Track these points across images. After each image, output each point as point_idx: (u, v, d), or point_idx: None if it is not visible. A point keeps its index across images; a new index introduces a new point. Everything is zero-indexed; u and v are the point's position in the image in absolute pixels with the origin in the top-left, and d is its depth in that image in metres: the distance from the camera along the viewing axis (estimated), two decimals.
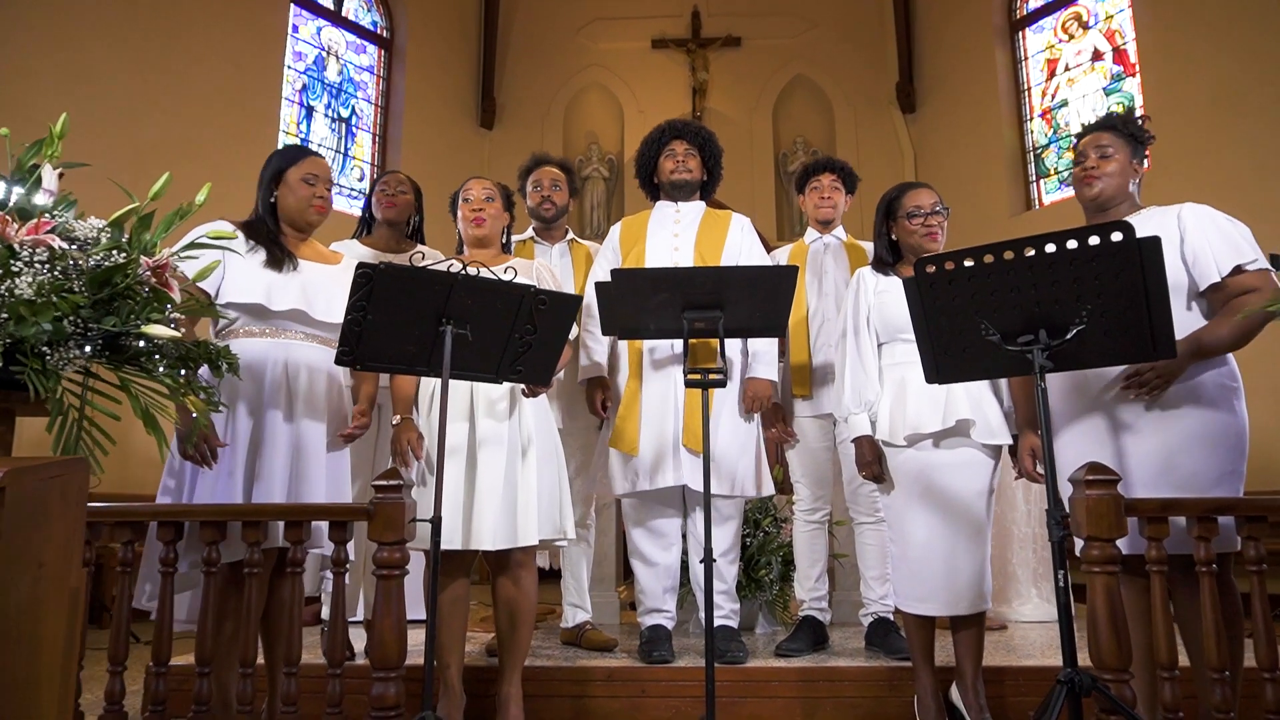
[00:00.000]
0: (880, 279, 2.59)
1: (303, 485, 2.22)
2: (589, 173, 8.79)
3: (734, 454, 2.78)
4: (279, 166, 2.44)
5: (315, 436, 2.28)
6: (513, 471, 2.41)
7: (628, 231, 3.04)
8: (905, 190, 2.60)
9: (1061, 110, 7.48)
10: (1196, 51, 6.36)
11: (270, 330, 2.29)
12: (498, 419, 2.43)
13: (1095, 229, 1.88)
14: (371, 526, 1.99)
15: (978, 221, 7.50)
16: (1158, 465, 2.09)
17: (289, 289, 2.28)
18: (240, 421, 2.21)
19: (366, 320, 2.02)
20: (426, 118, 8.31)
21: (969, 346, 2.10)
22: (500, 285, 2.10)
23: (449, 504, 2.35)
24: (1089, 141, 2.36)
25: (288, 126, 7.42)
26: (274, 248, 2.32)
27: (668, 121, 3.09)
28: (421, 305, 2.05)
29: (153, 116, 6.24)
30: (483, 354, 2.18)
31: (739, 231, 2.97)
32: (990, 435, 2.39)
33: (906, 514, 2.44)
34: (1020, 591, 3.73)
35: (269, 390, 2.23)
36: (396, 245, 3.13)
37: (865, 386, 2.51)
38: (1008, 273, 1.99)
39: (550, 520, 2.50)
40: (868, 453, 2.49)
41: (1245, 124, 6.01)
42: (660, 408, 2.78)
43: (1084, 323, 1.94)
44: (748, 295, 2.40)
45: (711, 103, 8.68)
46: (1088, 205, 2.34)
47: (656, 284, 2.37)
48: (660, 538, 2.83)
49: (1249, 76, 6.01)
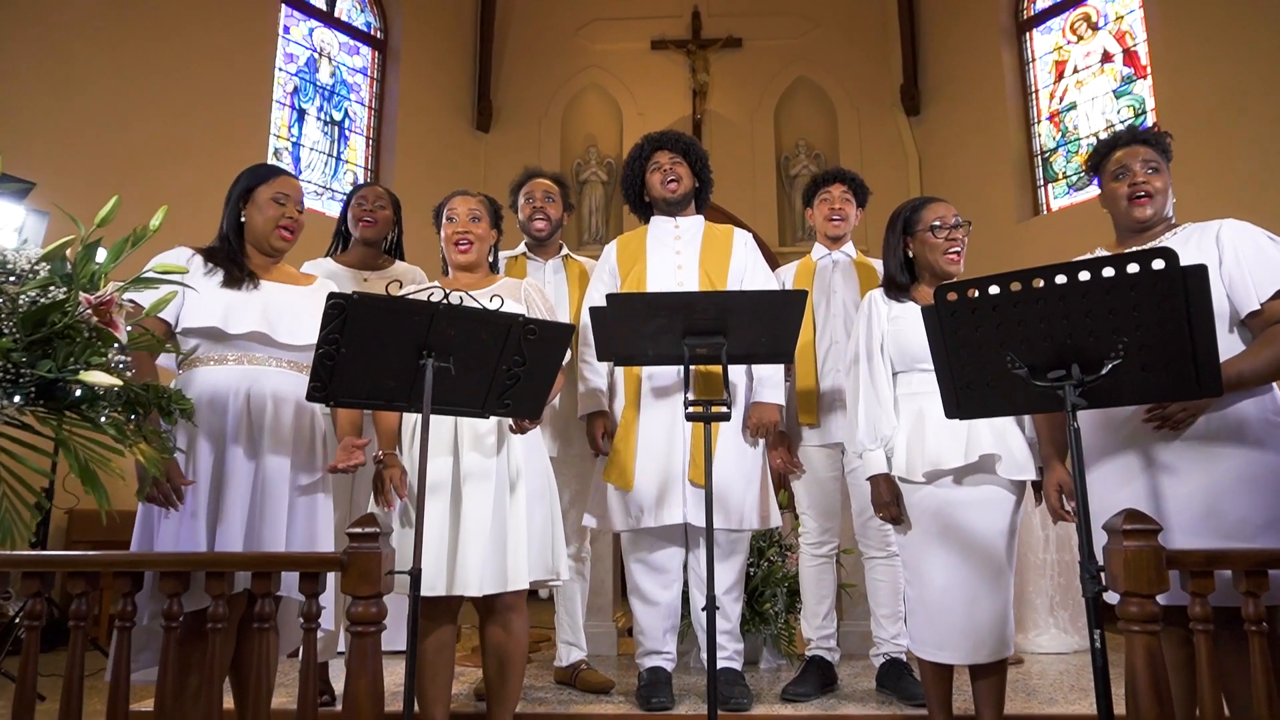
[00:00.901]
0: (894, 305, 2.42)
1: (264, 527, 2.06)
2: (587, 176, 8.61)
3: (739, 485, 2.61)
4: (248, 184, 2.28)
5: (279, 472, 2.12)
6: (501, 510, 2.25)
7: (625, 250, 2.87)
8: (925, 203, 2.43)
9: (1070, 113, 7.31)
10: (1210, 53, 6.19)
11: (233, 356, 2.13)
12: (484, 453, 2.27)
13: (1135, 256, 1.72)
14: (344, 579, 1.83)
15: (984, 227, 7.30)
16: (1199, 509, 1.93)
17: (248, 310, 2.12)
18: (202, 458, 2.05)
19: (340, 354, 1.86)
20: (421, 120, 8.14)
21: (993, 380, 1.94)
22: (485, 315, 1.93)
23: (432, 546, 2.19)
24: (1129, 155, 2.19)
25: (279, 130, 7.26)
26: (232, 267, 2.16)
27: (645, 136, 2.93)
28: (400, 337, 1.89)
29: (140, 120, 6.07)
30: (467, 387, 2.02)
31: (743, 248, 2.81)
32: (1016, 470, 2.23)
33: (924, 555, 2.28)
34: (1037, 621, 3.57)
35: (231, 422, 2.07)
36: (374, 262, 2.97)
37: (880, 419, 2.35)
38: (1037, 302, 1.82)
39: (542, 560, 2.35)
40: (885, 492, 2.32)
41: (1260, 128, 5.84)
42: (664, 439, 2.62)
43: (1120, 357, 1.78)
44: (753, 320, 2.24)
45: (712, 105, 8.51)
46: (1131, 225, 2.17)
47: (654, 309, 2.21)
48: (661, 574, 2.67)
49: (1265, 79, 5.85)
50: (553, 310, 2.49)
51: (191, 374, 2.13)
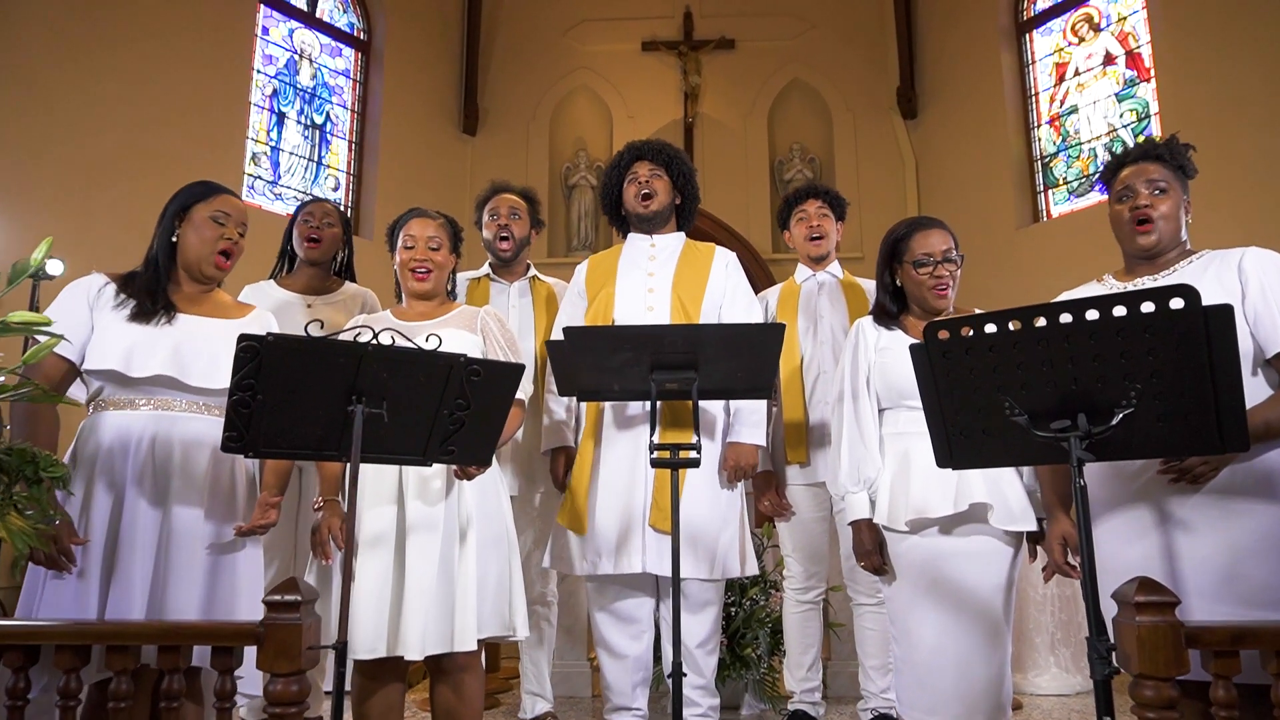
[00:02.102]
0: (882, 333, 2.22)
1: (169, 588, 1.85)
2: (576, 181, 8.42)
3: (713, 529, 2.40)
4: (184, 202, 2.07)
5: (190, 526, 1.90)
6: (448, 563, 2.05)
7: (595, 271, 2.65)
8: (913, 231, 2.22)
9: (1071, 117, 7.10)
10: (1216, 55, 5.98)
11: (143, 400, 1.92)
12: (431, 502, 2.07)
13: (1150, 294, 1.52)
14: (260, 654, 1.63)
15: (982, 234, 7.14)
16: (1219, 572, 1.73)
17: (156, 349, 1.90)
18: (97, 511, 1.84)
19: (256, 401, 1.66)
20: (406, 124, 7.93)
21: (989, 427, 1.74)
22: (421, 356, 1.73)
23: (372, 603, 2.00)
24: (1134, 174, 1.99)
25: (257, 134, 7.05)
26: (145, 298, 1.95)
27: (628, 144, 2.70)
28: (325, 381, 1.69)
29: (108, 126, 5.86)
30: (405, 433, 1.82)
31: (722, 269, 2.59)
32: (1010, 521, 2.03)
33: (912, 611, 2.07)
34: (1037, 661, 3.36)
35: (132, 472, 1.86)
36: (322, 285, 2.76)
37: (864, 461, 2.15)
38: (1038, 343, 1.62)
39: (497, 614, 2.15)
40: (867, 540, 2.12)
41: (1269, 133, 5.64)
42: (625, 476, 2.40)
43: (1133, 405, 1.58)
44: (727, 355, 2.04)
45: (704, 108, 8.30)
46: (1135, 253, 1.97)
47: (618, 343, 2.01)
48: (629, 625, 2.45)
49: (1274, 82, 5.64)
50: (513, 341, 2.29)
51: (98, 418, 1.93)
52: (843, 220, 2.86)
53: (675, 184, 2.66)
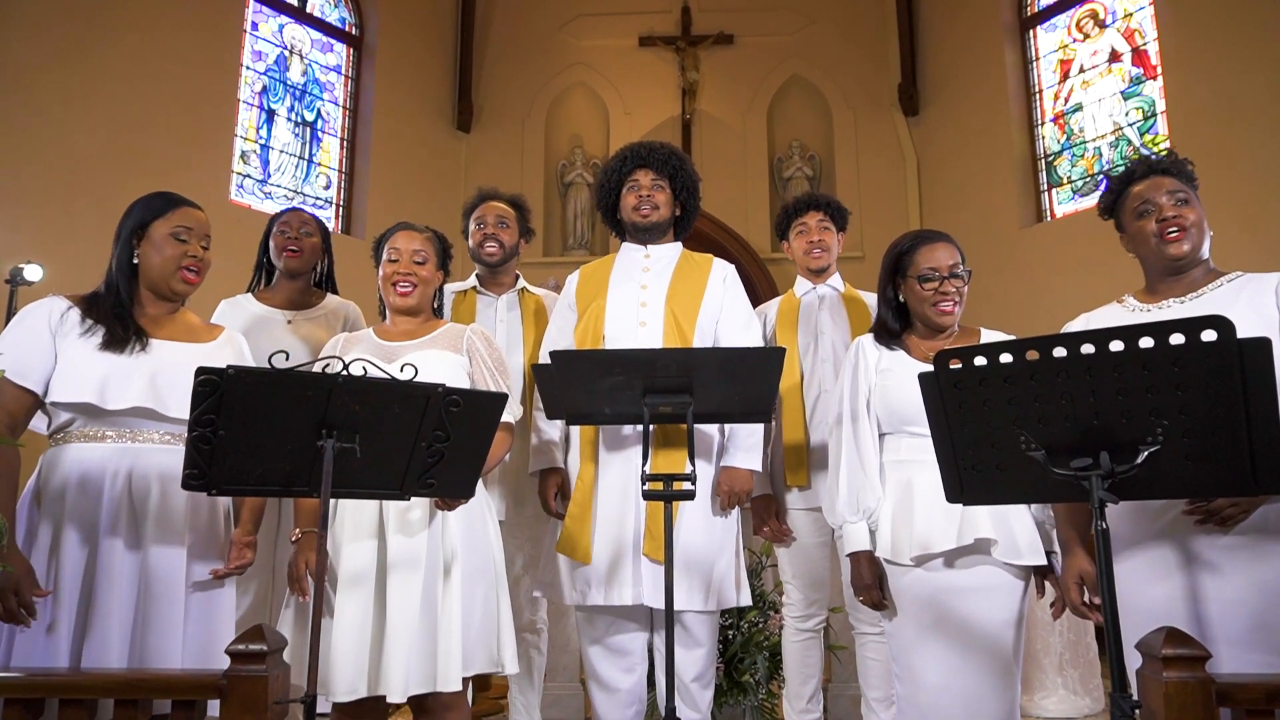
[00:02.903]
0: (884, 353, 2.11)
1: (151, 635, 1.74)
2: (572, 178, 8.29)
3: (708, 558, 2.28)
4: (142, 218, 1.94)
5: (171, 567, 1.79)
6: (431, 600, 1.94)
7: (586, 283, 2.53)
8: (917, 244, 2.10)
9: (1075, 115, 6.98)
10: (1223, 53, 5.86)
11: (113, 432, 1.80)
12: (412, 533, 1.96)
13: (1180, 325, 1.41)
14: (224, 709, 1.52)
15: (985, 233, 7.04)
16: (1248, 618, 1.62)
17: (132, 380, 1.79)
18: (68, 556, 1.72)
19: (218, 436, 1.54)
20: (399, 121, 7.80)
21: (1004, 462, 1.63)
22: (396, 387, 1.62)
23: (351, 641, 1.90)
24: (1151, 188, 1.88)
25: (246, 132, 6.92)
26: (115, 325, 1.83)
27: (631, 146, 2.56)
28: (293, 415, 1.57)
29: (92, 125, 5.74)
30: (381, 467, 1.70)
31: (720, 284, 2.47)
32: (1016, 555, 1.92)
33: (915, 649, 1.96)
34: (1044, 682, 3.26)
35: (107, 511, 1.75)
36: (302, 299, 2.64)
37: (864, 489, 2.03)
38: (1058, 374, 1.51)
39: (484, 650, 2.05)
40: (866, 574, 2.02)
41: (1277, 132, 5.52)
42: (617, 503, 2.28)
43: (1159, 443, 1.47)
44: (723, 379, 1.93)
45: (702, 104, 8.17)
46: (1166, 266, 1.86)
47: (608, 367, 1.90)
48: (621, 658, 2.34)
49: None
50: (501, 361, 2.17)
51: (62, 451, 1.81)
52: (844, 231, 2.74)
53: (677, 196, 2.54)
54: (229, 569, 1.91)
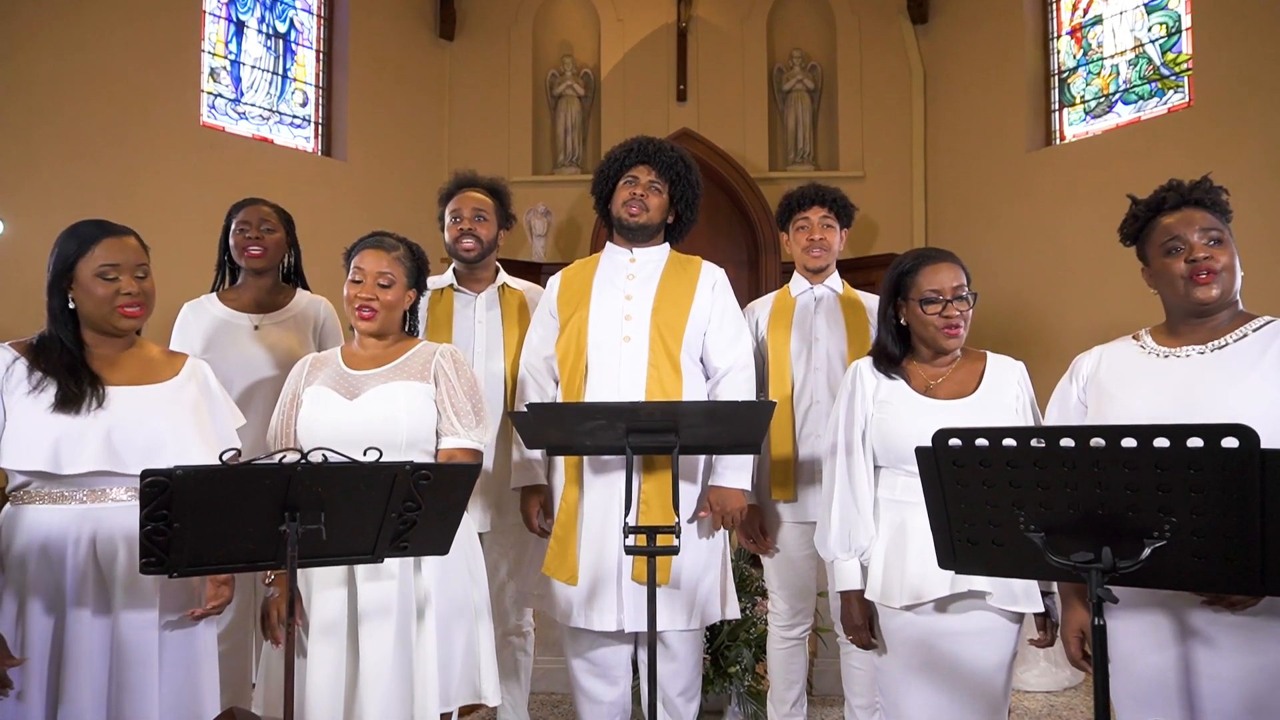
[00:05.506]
0: (882, 382, 2.00)
1: (126, 701, 1.71)
2: (562, 90, 7.87)
3: (693, 578, 2.25)
4: (65, 261, 1.76)
5: (143, 635, 1.74)
6: (405, 644, 1.91)
7: (568, 287, 2.39)
8: (920, 265, 1.97)
9: (1094, 29, 6.57)
10: None
11: (75, 493, 1.71)
12: (383, 579, 1.91)
13: (1198, 430, 1.31)
14: None
15: (991, 156, 6.77)
16: (1241, 699, 1.58)
17: (86, 440, 1.68)
18: (34, 626, 1.67)
19: (173, 529, 1.46)
20: (377, 29, 7.33)
21: (999, 538, 1.57)
22: (360, 470, 1.52)
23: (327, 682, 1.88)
24: (1182, 224, 1.72)
25: (214, 46, 6.49)
26: (68, 381, 1.71)
27: (638, 139, 2.37)
28: (252, 502, 1.49)
29: (42, 47, 5.35)
30: (351, 537, 1.63)
31: (709, 292, 2.33)
32: (1012, 601, 1.88)
33: (903, 689, 1.95)
34: (1025, 656, 3.31)
35: (71, 580, 1.68)
36: (270, 299, 2.50)
37: (856, 527, 1.97)
38: (1063, 464, 1.44)
39: (467, 683, 2.04)
40: (856, 615, 1.98)
41: None
42: (600, 526, 2.23)
43: (1166, 538, 1.40)
44: (710, 424, 1.84)
45: (699, 10, 7.67)
46: (1191, 310, 1.73)
47: (588, 415, 1.79)
48: (606, 671, 2.34)
49: None
50: (473, 386, 2.06)
51: (21, 513, 1.72)
52: (848, 228, 2.57)
53: (674, 203, 2.37)
54: (206, 609, 1.86)
